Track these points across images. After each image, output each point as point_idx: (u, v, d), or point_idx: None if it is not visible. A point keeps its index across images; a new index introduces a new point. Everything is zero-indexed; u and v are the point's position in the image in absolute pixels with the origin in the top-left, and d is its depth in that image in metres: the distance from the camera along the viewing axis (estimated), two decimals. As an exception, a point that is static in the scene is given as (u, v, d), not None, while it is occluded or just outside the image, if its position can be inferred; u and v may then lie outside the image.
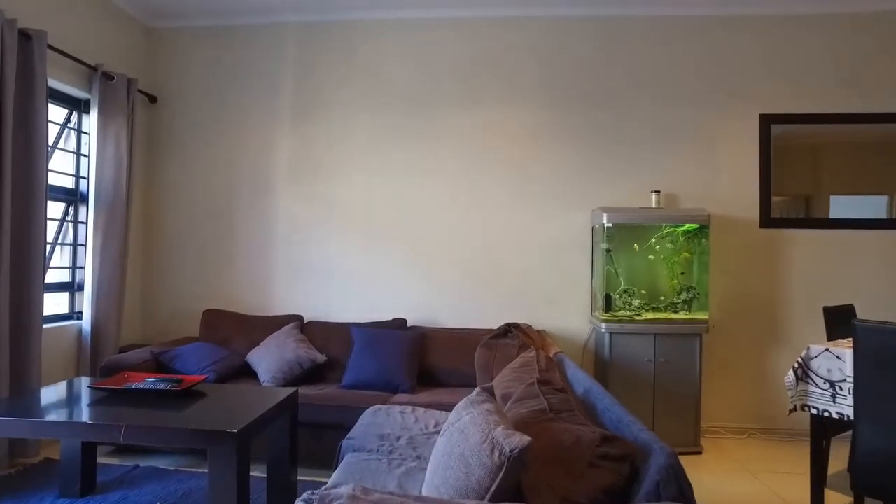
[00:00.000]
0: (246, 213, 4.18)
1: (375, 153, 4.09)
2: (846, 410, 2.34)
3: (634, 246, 3.75)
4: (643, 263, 3.78)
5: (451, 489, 1.44)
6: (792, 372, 2.56)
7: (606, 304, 3.66)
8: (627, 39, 3.97)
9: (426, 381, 3.52)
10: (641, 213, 3.62)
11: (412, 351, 3.45)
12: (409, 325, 3.88)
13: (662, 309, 3.72)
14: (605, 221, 3.59)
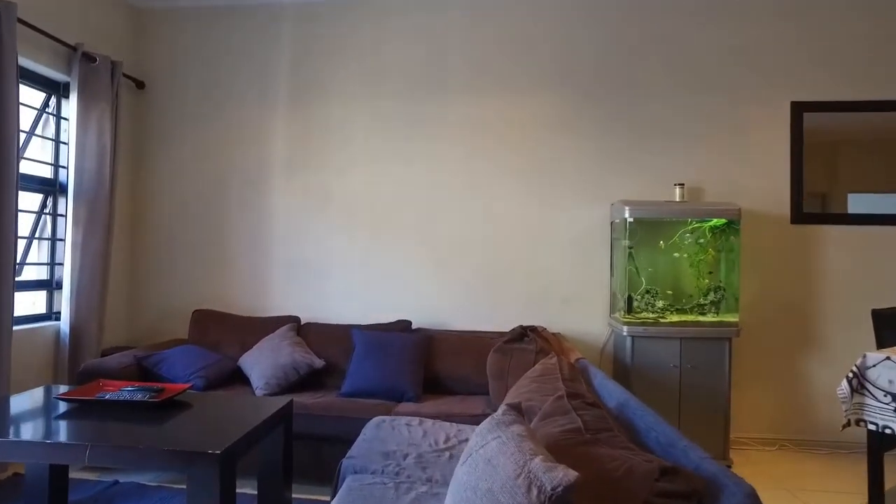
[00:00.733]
0: (239, 206, 3.90)
1: (378, 142, 3.82)
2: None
3: (660, 243, 3.48)
4: (666, 262, 3.51)
5: (478, 535, 1.17)
6: (846, 382, 2.28)
7: (628, 305, 3.39)
8: (650, 22, 3.69)
9: (432, 388, 3.25)
10: (666, 206, 3.35)
11: (418, 355, 3.17)
12: (413, 327, 3.61)
13: (688, 311, 3.45)
14: (626, 216, 3.31)
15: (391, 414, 2.79)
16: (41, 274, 3.42)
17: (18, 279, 3.25)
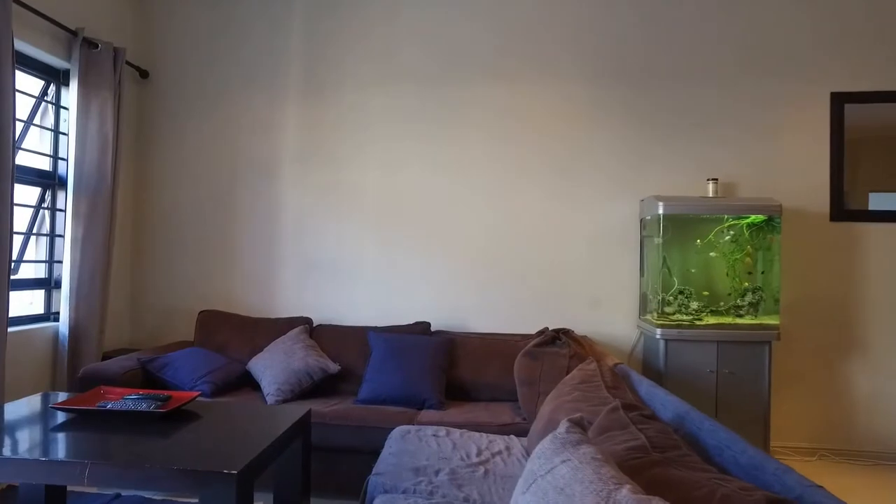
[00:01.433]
0: (248, 202, 3.70)
1: (393, 135, 3.62)
2: None
3: (697, 241, 3.28)
4: (699, 261, 3.32)
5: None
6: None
7: (661, 306, 3.20)
8: (681, 6, 3.50)
9: (454, 394, 3.06)
10: (703, 202, 3.15)
11: (440, 360, 2.98)
12: (432, 329, 3.42)
13: (723, 312, 3.26)
14: (660, 211, 3.12)
15: (413, 423, 2.60)
16: (39, 272, 3.23)
17: (15, 277, 3.06)
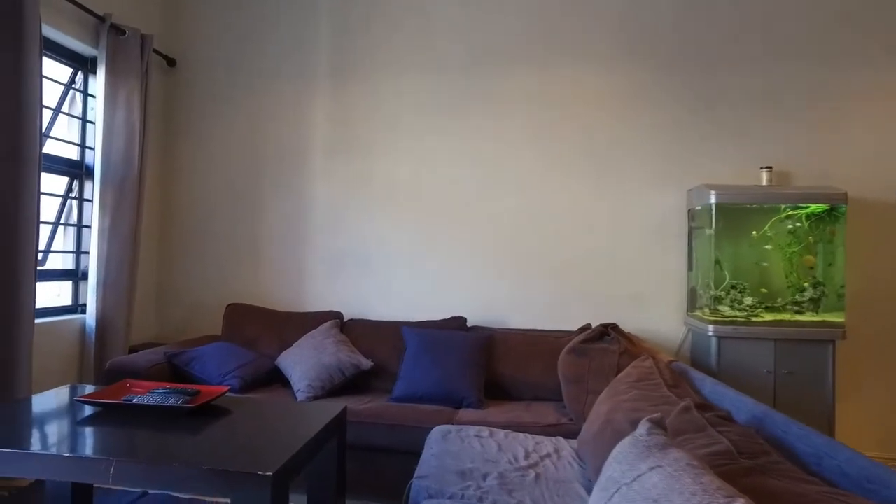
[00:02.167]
0: (276, 192, 3.60)
1: (426, 126, 3.48)
2: None
3: (753, 233, 3.07)
4: (751, 254, 3.10)
5: None
6: None
7: (714, 302, 2.99)
8: (732, -16, 3.29)
9: (492, 392, 2.90)
10: (759, 191, 2.94)
11: (478, 356, 2.82)
12: (468, 324, 3.26)
13: (781, 309, 3.04)
14: (712, 200, 2.92)
15: (452, 422, 2.45)
16: (67, 263, 3.17)
17: (42, 268, 2.99)
